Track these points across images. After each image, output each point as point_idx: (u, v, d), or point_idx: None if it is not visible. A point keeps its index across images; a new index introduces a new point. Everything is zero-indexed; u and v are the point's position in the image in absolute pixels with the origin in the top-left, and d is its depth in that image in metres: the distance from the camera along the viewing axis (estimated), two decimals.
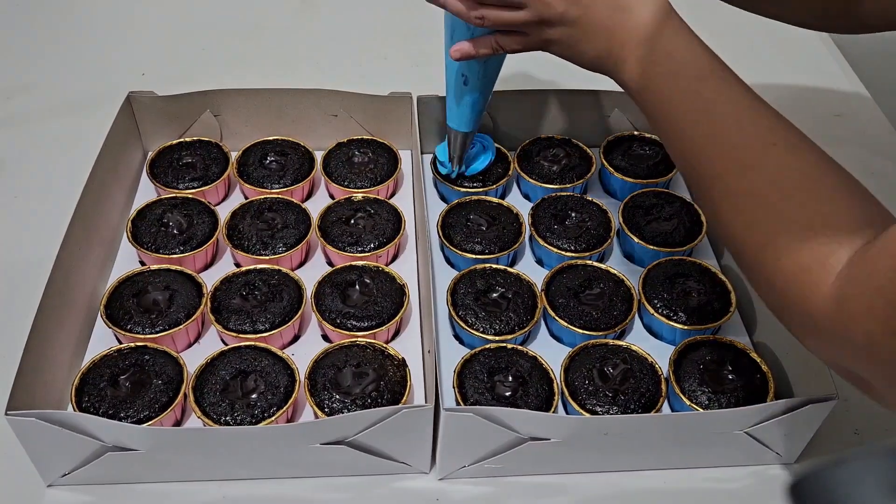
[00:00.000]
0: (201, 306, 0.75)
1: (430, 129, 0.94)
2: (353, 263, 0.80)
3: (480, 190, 0.89)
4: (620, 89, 0.94)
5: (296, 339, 0.77)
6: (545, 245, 0.82)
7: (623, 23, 0.62)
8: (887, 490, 0.34)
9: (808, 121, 0.61)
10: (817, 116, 1.05)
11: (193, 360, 0.71)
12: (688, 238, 0.84)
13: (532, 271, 0.82)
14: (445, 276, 0.81)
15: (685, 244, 0.83)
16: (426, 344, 0.74)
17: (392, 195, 0.93)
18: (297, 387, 0.69)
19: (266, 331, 0.74)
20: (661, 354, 0.74)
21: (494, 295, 0.78)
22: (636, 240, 0.84)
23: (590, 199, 0.88)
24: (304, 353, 0.73)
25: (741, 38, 0.99)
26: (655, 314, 0.77)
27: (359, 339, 0.73)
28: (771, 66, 1.14)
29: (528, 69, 1.16)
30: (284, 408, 0.67)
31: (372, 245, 0.82)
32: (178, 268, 0.79)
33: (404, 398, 0.69)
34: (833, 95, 1.10)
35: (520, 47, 0.68)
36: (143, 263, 0.83)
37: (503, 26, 0.67)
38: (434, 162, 0.91)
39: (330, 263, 0.84)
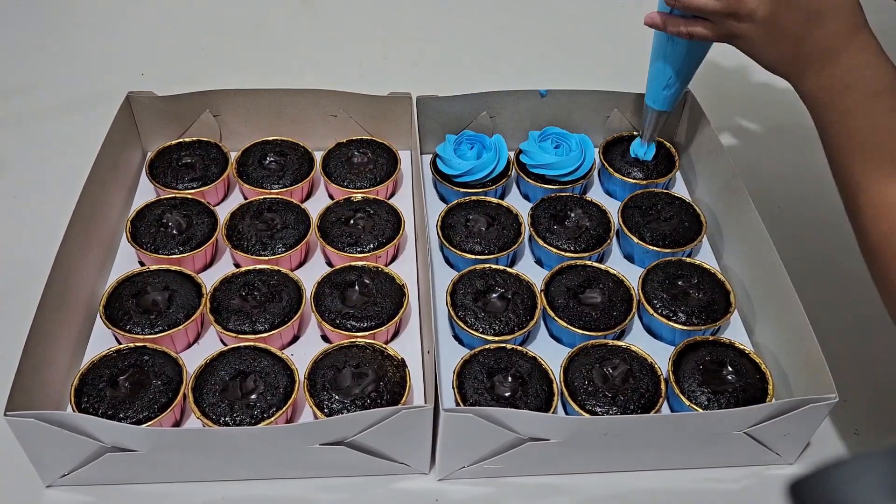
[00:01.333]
0: (201, 307, 0.75)
1: (430, 130, 0.94)
2: (353, 264, 0.80)
3: (479, 190, 0.89)
4: (620, 90, 0.94)
5: (295, 339, 0.77)
6: (545, 245, 0.82)
7: (813, 31, 0.62)
8: (887, 490, 0.34)
9: None
10: None
11: (193, 360, 0.71)
12: (687, 238, 0.84)
13: (531, 272, 0.82)
14: (445, 276, 0.81)
15: (685, 244, 0.83)
16: (426, 344, 0.74)
17: (391, 195, 0.93)
18: (296, 387, 0.69)
19: (265, 331, 0.74)
20: (660, 355, 0.74)
21: (494, 295, 0.78)
22: (636, 240, 0.84)
23: (589, 199, 0.88)
24: (303, 353, 0.73)
25: None
26: (655, 314, 0.77)
27: (358, 339, 0.73)
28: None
29: (527, 68, 1.17)
30: (284, 408, 0.67)
31: (371, 245, 0.82)
32: (178, 268, 0.79)
33: (404, 399, 0.69)
34: None
35: (706, 35, 0.69)
36: (142, 264, 0.83)
37: (693, 12, 0.68)
38: (433, 160, 0.91)
39: (329, 264, 0.84)
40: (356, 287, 0.78)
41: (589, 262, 0.81)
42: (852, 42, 0.61)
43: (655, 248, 0.83)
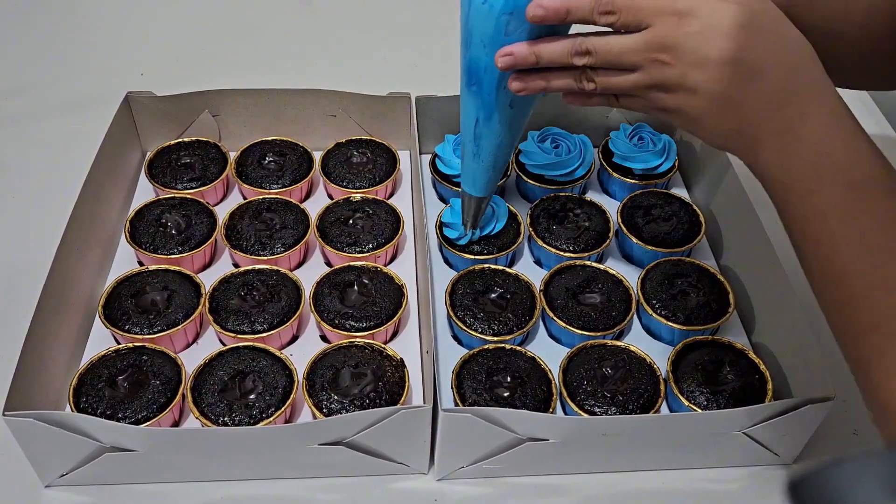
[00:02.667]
0: (199, 307, 0.75)
1: (429, 130, 0.94)
2: (352, 264, 0.80)
3: None
4: None
5: (294, 339, 0.77)
6: (544, 245, 0.82)
7: (759, 95, 0.51)
8: (886, 490, 0.34)
9: None
10: None
11: (192, 360, 0.71)
12: (686, 238, 0.84)
13: (531, 272, 0.82)
14: (444, 276, 0.81)
15: (684, 244, 0.83)
16: (425, 344, 0.74)
17: (391, 195, 0.92)
18: (295, 387, 0.69)
19: (264, 331, 0.74)
20: (659, 355, 0.74)
21: (493, 295, 0.78)
22: (635, 240, 0.84)
23: (588, 199, 0.88)
24: (302, 353, 0.73)
25: None
26: (654, 315, 0.77)
27: (357, 339, 0.73)
28: None
29: None
30: (283, 408, 0.67)
31: (370, 245, 0.82)
32: (177, 268, 0.79)
33: (403, 399, 0.69)
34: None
35: (639, 108, 0.58)
36: (141, 264, 0.83)
37: (614, 91, 0.56)
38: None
39: (328, 264, 0.84)
40: (355, 287, 0.78)
41: (588, 262, 0.81)
42: (813, 109, 0.51)
43: (655, 249, 0.83)
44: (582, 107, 0.60)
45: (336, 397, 0.68)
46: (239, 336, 0.73)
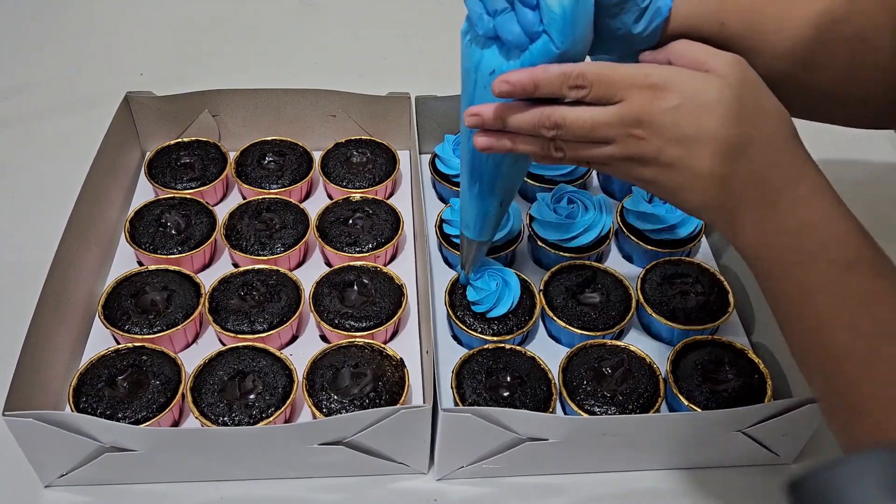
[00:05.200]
0: (199, 307, 0.75)
1: (429, 130, 0.94)
2: (352, 264, 0.80)
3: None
4: None
5: (294, 339, 0.77)
6: (544, 245, 0.82)
7: (739, 171, 0.49)
8: (886, 490, 0.34)
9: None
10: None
11: (191, 360, 0.71)
12: (686, 238, 0.84)
13: (531, 272, 0.82)
14: (443, 276, 0.81)
15: (684, 244, 0.83)
16: (424, 344, 0.74)
17: (390, 195, 0.92)
18: (295, 387, 0.69)
19: (264, 331, 0.74)
20: (659, 355, 0.74)
21: None
22: (635, 240, 0.83)
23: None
24: (302, 353, 0.73)
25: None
26: (654, 314, 0.77)
27: (357, 339, 0.73)
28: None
29: None
30: (282, 408, 0.67)
31: (370, 245, 0.82)
32: (176, 268, 0.79)
33: (402, 398, 0.69)
34: None
35: (615, 175, 0.56)
36: (140, 264, 0.83)
37: (585, 161, 0.55)
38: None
39: (328, 264, 0.84)
40: (355, 287, 0.78)
41: (588, 262, 0.81)
42: (796, 184, 0.49)
43: (654, 249, 0.83)
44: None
45: (336, 397, 0.68)
46: (239, 336, 0.73)
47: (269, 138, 0.94)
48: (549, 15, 0.50)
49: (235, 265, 0.83)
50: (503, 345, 0.73)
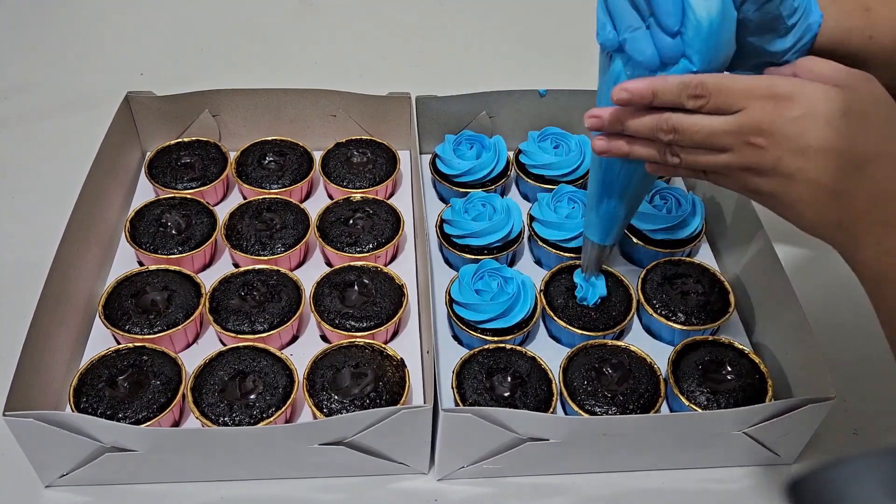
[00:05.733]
0: (200, 307, 0.75)
1: (429, 130, 0.94)
2: (352, 264, 0.80)
3: (479, 191, 0.89)
4: None
5: (294, 339, 0.77)
6: (544, 245, 0.82)
7: (862, 187, 0.48)
8: (887, 490, 0.34)
9: None
10: None
11: (192, 360, 0.71)
12: (687, 238, 0.84)
13: (531, 271, 0.82)
14: (444, 276, 0.81)
15: (684, 245, 0.83)
16: (425, 344, 0.74)
17: (391, 195, 0.92)
18: (295, 387, 0.69)
19: (265, 331, 0.74)
20: (659, 355, 0.74)
21: None
22: (635, 240, 0.83)
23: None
24: (302, 353, 0.73)
25: None
26: (654, 314, 0.77)
27: (357, 339, 0.73)
28: None
29: (527, 68, 1.16)
30: (283, 408, 0.67)
31: (371, 245, 0.82)
32: (177, 268, 0.79)
33: (403, 399, 0.69)
34: None
35: (728, 186, 0.55)
36: (141, 264, 0.83)
37: (700, 169, 0.54)
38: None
39: (329, 264, 0.84)
40: (355, 287, 0.78)
41: None
42: None
43: (654, 249, 0.83)
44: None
45: (336, 397, 0.68)
46: (239, 336, 0.73)
47: (269, 138, 0.94)
48: (693, 43, 0.51)
49: (236, 265, 0.83)
50: (503, 345, 0.73)
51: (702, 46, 0.51)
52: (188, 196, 0.86)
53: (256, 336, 0.73)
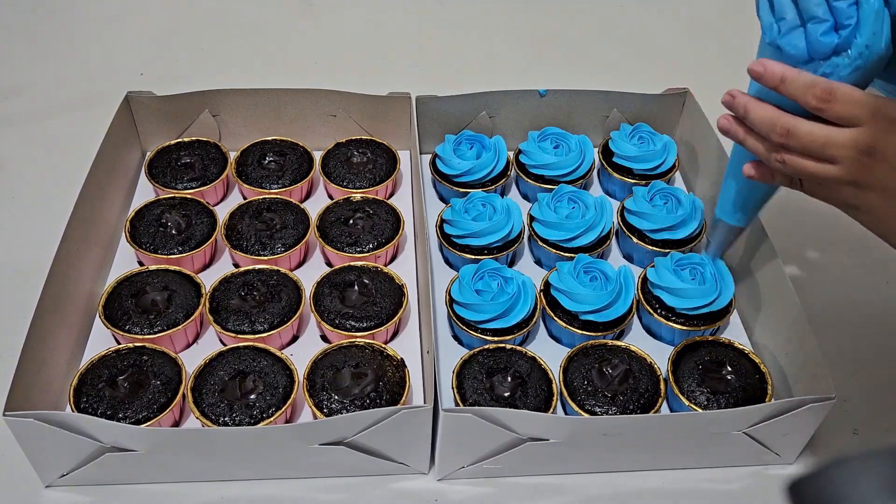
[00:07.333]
0: (200, 307, 0.75)
1: (429, 130, 0.94)
2: (352, 264, 0.80)
3: (479, 191, 0.89)
4: (620, 90, 0.91)
5: (294, 339, 0.77)
6: (544, 245, 0.82)
7: None
8: (887, 490, 0.34)
9: None
10: None
11: (192, 360, 0.71)
12: (687, 238, 0.84)
13: (531, 271, 0.82)
14: (444, 276, 0.81)
15: (684, 245, 0.83)
16: (425, 344, 0.74)
17: (391, 195, 0.92)
18: (295, 387, 0.69)
19: (265, 331, 0.74)
20: (660, 355, 0.74)
21: None
22: (635, 240, 0.83)
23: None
24: (302, 353, 0.73)
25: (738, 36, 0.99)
26: (654, 314, 0.77)
27: (357, 339, 0.73)
28: None
29: (527, 68, 1.16)
30: (283, 408, 0.67)
31: (371, 245, 0.82)
32: (177, 268, 0.79)
33: (403, 399, 0.69)
34: None
35: (822, 198, 0.56)
36: (141, 264, 0.83)
37: (802, 176, 0.55)
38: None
39: (329, 264, 0.84)
40: (355, 287, 0.78)
41: None
42: None
43: (654, 249, 0.83)
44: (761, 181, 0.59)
45: (336, 397, 0.68)
46: (239, 336, 0.73)
47: (269, 138, 0.94)
48: (858, 45, 0.52)
49: (236, 265, 0.83)
50: (503, 345, 0.73)
51: (868, 31, 0.51)
52: (188, 196, 0.86)
53: (256, 336, 0.73)
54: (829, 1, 0.52)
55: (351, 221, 0.84)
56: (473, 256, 0.81)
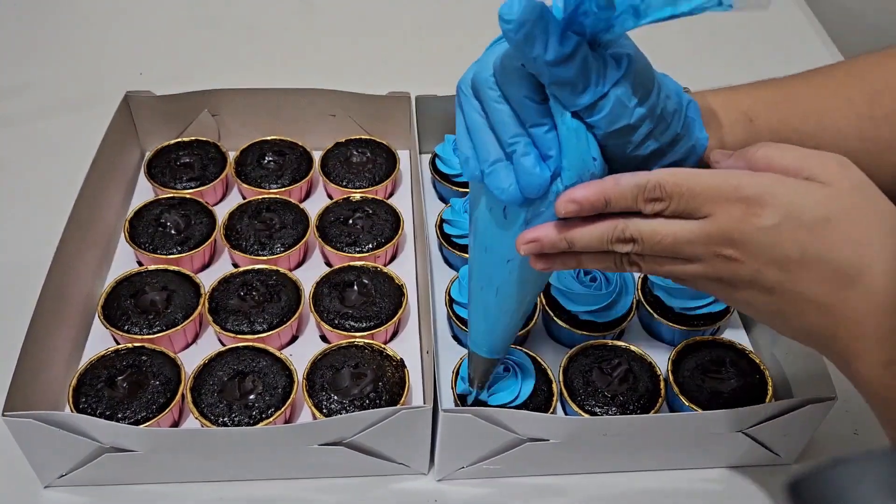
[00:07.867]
0: (199, 307, 0.75)
1: (429, 129, 0.93)
2: (352, 264, 0.80)
3: None
4: None
5: (294, 339, 0.77)
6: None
7: (853, 297, 0.42)
8: (887, 490, 0.33)
9: None
10: None
11: (191, 360, 0.71)
12: None
13: None
14: (444, 276, 0.81)
15: None
16: (425, 344, 0.74)
17: (390, 195, 0.92)
18: (295, 387, 0.69)
19: (264, 331, 0.74)
20: (660, 355, 0.74)
21: None
22: None
23: None
24: (302, 353, 0.73)
25: (734, 38, 0.99)
26: (654, 314, 0.76)
27: (357, 339, 0.73)
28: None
29: None
30: (282, 409, 0.67)
31: (370, 245, 0.82)
32: (176, 268, 0.79)
33: (403, 399, 0.69)
34: None
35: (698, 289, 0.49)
36: (140, 264, 0.83)
37: (672, 279, 0.48)
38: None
39: (328, 264, 0.84)
40: (355, 287, 0.78)
41: None
42: None
43: None
44: None
45: (336, 397, 0.68)
46: (238, 336, 0.73)
47: (268, 138, 0.94)
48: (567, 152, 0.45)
49: (235, 265, 0.83)
50: None
51: (572, 153, 0.45)
52: (187, 196, 0.86)
53: (256, 336, 0.73)
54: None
55: (350, 221, 0.84)
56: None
